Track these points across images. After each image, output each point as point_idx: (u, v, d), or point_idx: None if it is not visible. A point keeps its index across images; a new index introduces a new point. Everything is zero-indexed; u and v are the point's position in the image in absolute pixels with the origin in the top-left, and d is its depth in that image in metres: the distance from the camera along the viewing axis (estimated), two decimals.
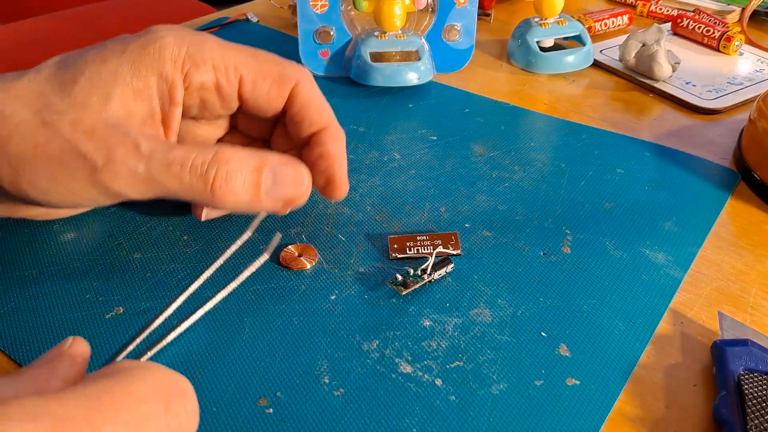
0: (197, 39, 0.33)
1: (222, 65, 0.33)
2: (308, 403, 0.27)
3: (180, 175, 0.30)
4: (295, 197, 0.32)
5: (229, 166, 0.30)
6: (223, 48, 0.33)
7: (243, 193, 0.31)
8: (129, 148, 0.30)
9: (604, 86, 0.54)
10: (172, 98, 0.32)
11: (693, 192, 0.41)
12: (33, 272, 0.34)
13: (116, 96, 0.31)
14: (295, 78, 0.34)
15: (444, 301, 0.32)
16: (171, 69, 0.32)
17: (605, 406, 0.27)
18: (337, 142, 0.34)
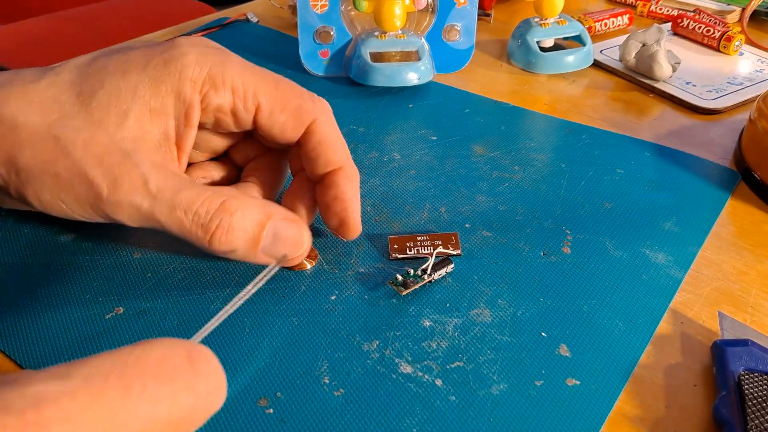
0: (220, 59, 0.32)
1: (241, 89, 0.32)
2: (308, 404, 0.27)
3: (182, 219, 0.30)
4: (291, 258, 0.32)
5: (233, 219, 0.30)
6: (244, 71, 0.32)
7: (241, 247, 0.30)
8: (137, 183, 0.29)
9: (604, 86, 0.54)
10: (188, 120, 0.31)
11: (693, 192, 0.41)
12: (33, 272, 0.34)
13: (133, 115, 0.30)
14: (314, 114, 0.33)
15: (444, 302, 0.32)
16: (190, 90, 0.31)
17: (605, 406, 0.27)
18: (351, 183, 0.34)
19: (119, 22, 0.98)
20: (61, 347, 0.30)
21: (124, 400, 0.18)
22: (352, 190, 0.34)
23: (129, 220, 0.30)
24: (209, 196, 0.30)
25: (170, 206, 0.29)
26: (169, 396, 0.19)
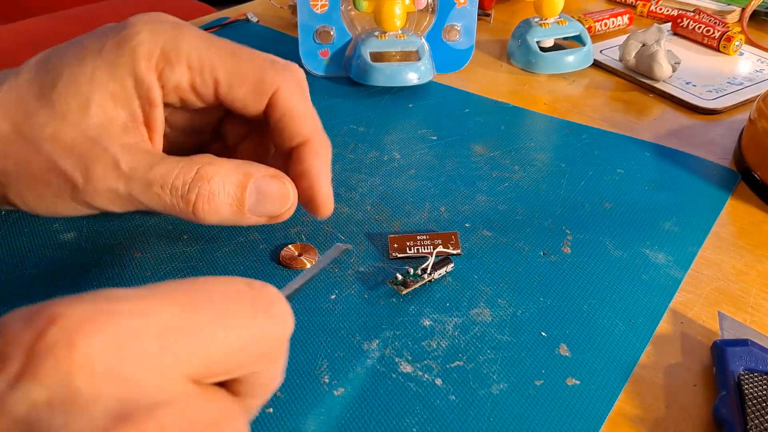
0: (173, 34, 0.31)
1: (197, 64, 0.31)
2: (308, 403, 0.27)
3: (160, 195, 0.29)
4: (280, 213, 0.31)
5: (211, 184, 0.29)
6: (200, 45, 0.31)
7: (226, 212, 0.30)
8: (108, 167, 0.29)
9: (604, 86, 0.54)
10: (151, 100, 0.31)
11: (693, 192, 0.41)
12: (33, 272, 0.34)
13: (95, 103, 0.30)
14: (275, 84, 0.31)
15: (444, 301, 0.32)
16: (145, 69, 0.30)
17: (605, 406, 0.27)
18: (319, 157, 0.32)
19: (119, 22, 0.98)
20: None
21: (192, 312, 0.19)
22: (319, 165, 0.32)
23: (111, 205, 0.30)
24: (183, 166, 0.29)
25: (146, 184, 0.29)
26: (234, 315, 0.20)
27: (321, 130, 0.33)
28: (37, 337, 0.17)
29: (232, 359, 0.20)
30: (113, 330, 0.18)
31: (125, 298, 0.19)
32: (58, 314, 0.18)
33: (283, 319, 0.21)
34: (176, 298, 0.20)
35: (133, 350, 0.18)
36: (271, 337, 0.21)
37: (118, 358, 0.18)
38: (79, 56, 0.30)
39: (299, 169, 0.32)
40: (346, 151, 0.44)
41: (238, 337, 0.20)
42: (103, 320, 0.18)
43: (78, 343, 0.17)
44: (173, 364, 0.19)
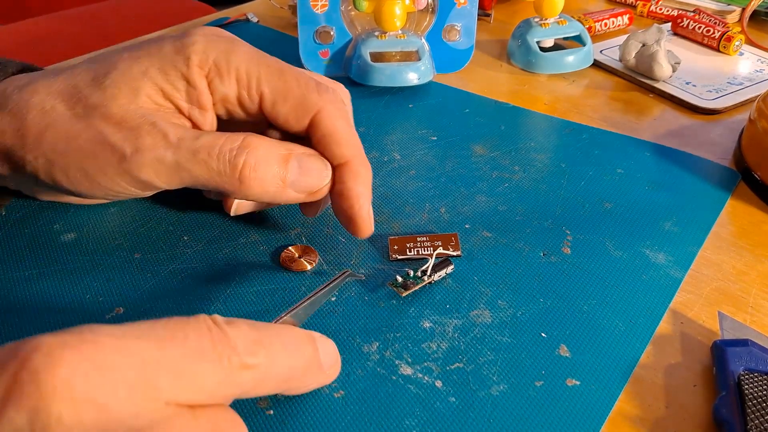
0: (227, 47, 0.32)
1: (245, 78, 0.32)
2: (309, 405, 0.27)
3: (207, 161, 0.30)
4: (318, 189, 0.32)
5: (257, 153, 0.30)
6: (250, 60, 0.32)
7: (270, 182, 0.31)
8: (157, 137, 0.30)
9: (604, 86, 0.54)
10: (201, 104, 0.32)
11: (693, 192, 0.41)
12: (33, 272, 0.34)
13: (144, 92, 0.31)
14: (317, 107, 0.32)
15: (444, 303, 0.32)
16: (197, 76, 0.32)
17: (605, 406, 0.27)
18: (359, 178, 0.33)
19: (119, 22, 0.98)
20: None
21: (170, 349, 0.21)
22: (358, 187, 0.33)
23: (156, 176, 0.31)
24: (229, 136, 0.31)
25: (193, 151, 0.30)
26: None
27: (362, 153, 0.34)
28: (20, 364, 0.18)
29: (211, 392, 0.21)
30: (94, 358, 0.19)
31: (107, 332, 0.20)
32: (41, 343, 0.18)
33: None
34: (154, 335, 0.20)
35: (113, 379, 0.19)
36: (239, 384, 0.22)
37: (99, 385, 0.18)
38: (134, 55, 0.32)
39: (339, 189, 0.33)
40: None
41: (214, 374, 0.21)
42: (85, 348, 0.19)
43: (59, 369, 0.18)
44: (152, 392, 0.19)
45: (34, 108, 0.31)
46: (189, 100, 0.32)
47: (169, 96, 0.32)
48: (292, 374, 0.24)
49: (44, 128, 0.31)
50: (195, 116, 0.32)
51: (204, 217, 0.38)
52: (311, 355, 0.25)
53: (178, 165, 0.30)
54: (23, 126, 0.31)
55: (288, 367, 0.24)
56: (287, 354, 0.24)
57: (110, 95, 0.31)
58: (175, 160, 0.30)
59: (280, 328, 0.24)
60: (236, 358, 0.22)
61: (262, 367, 0.22)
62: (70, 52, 0.64)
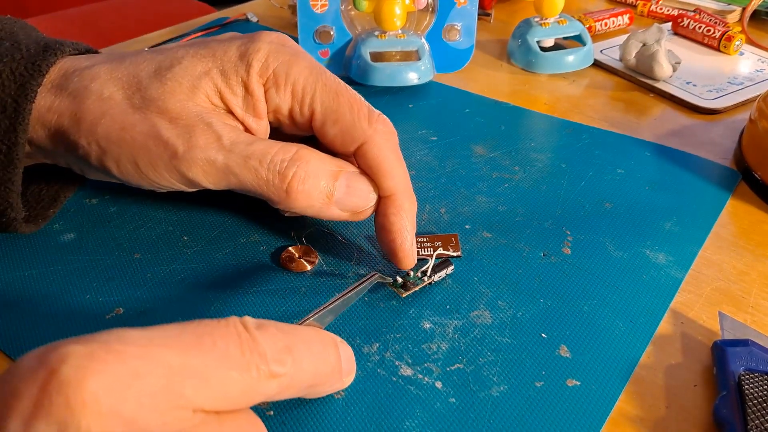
0: (288, 59, 0.32)
1: (300, 93, 0.32)
2: (309, 406, 0.27)
3: (258, 169, 0.30)
4: (362, 210, 0.32)
5: (308, 166, 0.30)
6: (309, 75, 0.32)
7: (317, 197, 0.31)
8: (211, 138, 0.30)
9: (604, 86, 0.54)
10: (257, 112, 0.32)
11: (693, 192, 0.41)
12: (33, 272, 0.34)
13: (203, 92, 0.31)
14: (365, 136, 0.32)
15: (444, 303, 0.32)
16: (256, 84, 0.32)
17: (606, 406, 0.27)
18: (402, 212, 0.32)
19: (119, 22, 0.98)
20: None
21: (196, 356, 0.20)
22: (400, 222, 0.32)
23: (204, 176, 0.31)
24: (282, 146, 0.31)
25: (244, 157, 0.30)
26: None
27: (408, 186, 0.33)
28: (49, 376, 0.18)
29: (236, 399, 0.21)
30: (120, 369, 0.18)
31: (133, 340, 0.19)
32: (69, 353, 0.18)
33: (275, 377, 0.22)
34: (181, 341, 0.20)
35: (139, 390, 0.19)
36: (264, 393, 0.22)
37: (126, 398, 0.18)
38: (200, 53, 0.32)
39: (382, 221, 0.33)
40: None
41: (242, 383, 0.21)
42: (111, 359, 0.18)
43: (87, 382, 0.18)
44: (178, 400, 0.19)
45: (93, 93, 0.31)
46: (245, 107, 0.32)
47: (226, 100, 0.32)
48: (315, 381, 0.24)
49: (100, 115, 0.31)
50: (249, 123, 0.32)
51: (204, 217, 0.38)
52: (335, 362, 0.25)
53: (227, 168, 0.30)
54: (80, 110, 0.31)
55: (313, 374, 0.24)
56: (313, 361, 0.24)
57: (169, 89, 0.31)
58: (226, 164, 0.30)
59: (308, 333, 0.24)
60: (265, 367, 0.21)
61: (288, 376, 0.22)
62: None
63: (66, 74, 0.32)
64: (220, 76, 0.32)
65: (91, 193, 0.39)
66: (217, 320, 0.22)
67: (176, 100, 0.31)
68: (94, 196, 0.39)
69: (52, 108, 0.31)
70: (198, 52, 0.32)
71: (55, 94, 0.31)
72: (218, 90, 0.32)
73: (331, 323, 0.31)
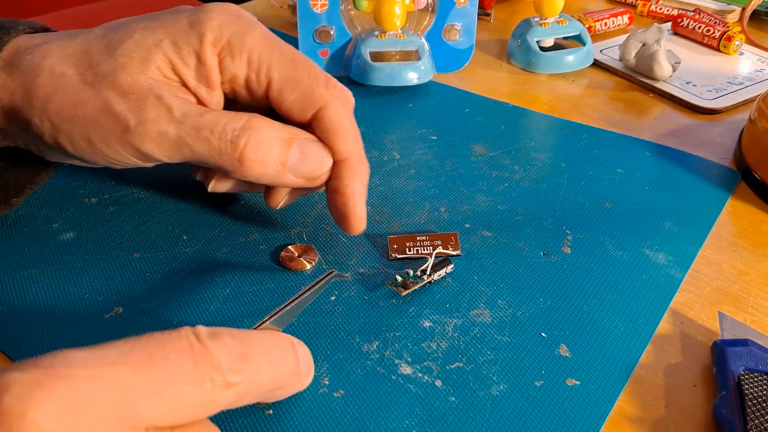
0: (243, 28, 0.32)
1: (256, 62, 0.32)
2: (308, 405, 0.27)
3: (209, 139, 0.30)
4: (317, 176, 0.32)
5: (260, 134, 0.30)
6: (264, 44, 0.32)
7: (270, 164, 0.31)
8: (161, 110, 0.30)
9: (604, 86, 0.54)
10: (209, 82, 0.32)
11: (693, 192, 0.41)
12: (33, 272, 0.34)
13: (154, 64, 0.31)
14: (323, 100, 0.32)
15: (444, 302, 0.32)
16: (210, 54, 0.31)
17: (605, 406, 0.27)
18: (355, 177, 0.33)
19: None
20: (61, 347, 0.30)
21: (147, 372, 0.20)
22: (355, 184, 0.33)
23: (157, 149, 0.30)
24: (234, 115, 0.30)
25: (195, 128, 0.30)
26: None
27: (361, 152, 0.33)
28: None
29: (192, 413, 0.21)
30: (67, 394, 0.18)
31: (80, 361, 0.19)
32: (12, 381, 0.18)
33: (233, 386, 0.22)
34: (132, 358, 0.20)
35: (88, 414, 0.18)
36: (221, 403, 0.22)
37: (73, 423, 0.18)
38: (150, 26, 0.32)
39: (335, 185, 0.33)
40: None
41: (196, 396, 0.20)
42: (56, 385, 0.18)
43: (30, 411, 0.17)
44: (131, 419, 0.19)
45: (45, 70, 0.31)
46: (197, 77, 0.32)
47: (178, 70, 0.31)
48: (273, 385, 0.24)
49: (52, 92, 0.30)
50: (202, 94, 0.32)
51: (203, 216, 0.38)
52: (294, 365, 0.25)
53: (180, 140, 0.30)
54: (32, 87, 0.31)
55: (271, 379, 0.24)
56: (270, 367, 0.23)
57: (121, 64, 0.31)
58: (178, 135, 0.30)
59: (264, 338, 0.24)
60: (220, 377, 0.21)
61: (245, 384, 0.22)
62: None
63: (18, 52, 0.32)
64: (171, 47, 0.31)
65: (91, 192, 0.39)
66: (168, 332, 0.21)
67: (128, 74, 0.31)
68: (93, 195, 0.39)
69: (4, 86, 0.31)
70: (149, 25, 0.32)
71: (8, 72, 0.31)
72: (170, 61, 0.31)
73: (327, 322, 0.31)
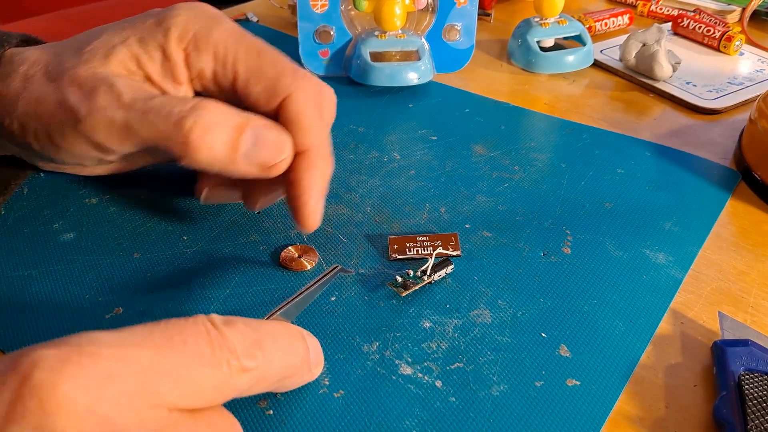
0: (209, 23, 0.32)
1: (222, 55, 0.32)
2: (308, 405, 0.27)
3: (155, 123, 0.29)
4: (274, 164, 0.31)
5: (208, 116, 0.29)
6: (230, 38, 0.32)
7: (219, 149, 0.29)
8: (110, 97, 0.30)
9: (604, 86, 0.54)
10: (175, 76, 0.32)
11: (693, 192, 0.41)
12: (33, 272, 0.34)
13: (117, 57, 0.31)
14: (288, 91, 0.31)
15: (444, 303, 0.32)
16: (175, 49, 0.31)
17: (605, 406, 0.27)
18: (314, 169, 0.31)
19: None
20: None
21: (168, 354, 0.20)
22: (311, 177, 0.31)
23: (108, 137, 0.30)
24: (182, 98, 0.30)
25: (143, 112, 0.29)
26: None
27: (325, 145, 0.33)
28: (22, 380, 0.18)
29: (210, 395, 0.21)
30: (94, 370, 0.18)
31: (105, 341, 0.20)
32: (41, 357, 0.18)
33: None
34: (152, 341, 0.20)
35: (114, 390, 0.19)
36: (237, 387, 0.22)
37: (100, 397, 0.18)
38: (120, 26, 0.32)
39: (291, 177, 0.32)
40: (345, 152, 0.44)
41: (214, 378, 0.21)
42: (84, 362, 0.19)
43: (61, 384, 0.18)
44: (153, 399, 0.19)
45: (19, 75, 0.32)
46: (163, 72, 0.32)
47: (142, 65, 0.31)
48: (285, 374, 0.25)
49: (20, 92, 0.31)
50: (168, 88, 0.32)
51: (203, 217, 0.38)
52: (304, 355, 0.25)
53: (128, 125, 0.29)
54: (6, 91, 0.31)
55: (283, 367, 0.24)
56: (282, 354, 0.24)
57: (84, 59, 0.31)
58: (126, 120, 0.29)
59: (275, 327, 0.24)
60: (236, 362, 0.21)
61: (259, 369, 0.22)
62: None
63: (2, 62, 0.33)
64: (137, 43, 0.31)
65: (91, 193, 0.39)
66: (184, 319, 0.22)
67: (88, 67, 0.31)
68: (94, 196, 0.39)
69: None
70: (119, 25, 0.32)
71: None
72: (135, 56, 0.31)
73: (328, 323, 0.31)
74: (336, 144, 0.45)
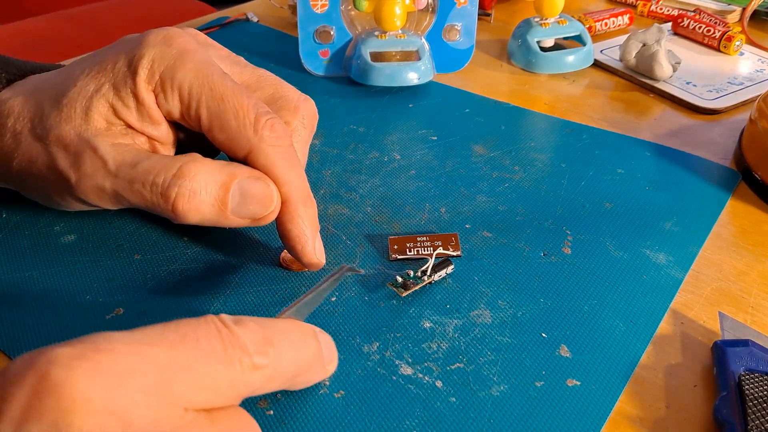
0: (175, 63, 0.31)
1: (186, 98, 0.31)
2: (308, 405, 0.27)
3: (142, 192, 0.30)
4: (263, 216, 0.31)
5: (193, 182, 0.29)
6: (194, 79, 0.31)
7: (208, 211, 0.30)
8: (97, 164, 0.30)
9: (604, 86, 0.54)
10: (152, 118, 0.32)
11: (693, 192, 0.41)
12: (34, 273, 0.34)
13: (97, 111, 0.31)
14: (250, 145, 0.31)
15: (444, 303, 0.32)
16: (145, 92, 0.31)
17: (606, 406, 0.27)
18: (297, 219, 0.32)
19: (119, 22, 0.98)
20: None
21: (182, 351, 0.21)
22: (296, 228, 0.32)
23: (102, 202, 0.31)
24: (166, 163, 0.30)
25: (129, 181, 0.30)
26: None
27: (303, 189, 0.32)
28: (40, 378, 0.18)
29: (224, 393, 0.21)
30: (111, 368, 0.19)
31: (120, 340, 0.20)
32: (58, 355, 0.18)
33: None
34: (166, 340, 0.21)
35: (131, 386, 0.19)
36: (250, 385, 0.22)
37: (116, 395, 0.18)
38: (93, 70, 0.32)
39: (281, 229, 0.32)
40: (346, 152, 0.44)
41: (228, 376, 0.21)
42: (101, 359, 0.19)
43: (78, 382, 0.18)
44: (169, 397, 0.20)
45: (9, 131, 0.32)
46: (140, 117, 0.32)
47: (119, 114, 0.31)
48: (298, 371, 0.25)
49: (14, 151, 0.32)
50: (149, 131, 0.32)
51: None
52: (316, 351, 0.25)
53: (117, 193, 0.30)
54: (1, 145, 0.32)
55: (295, 364, 0.24)
56: (294, 351, 0.24)
57: (65, 116, 0.31)
58: (114, 189, 0.30)
59: (286, 324, 0.25)
60: (247, 359, 0.22)
61: (271, 366, 0.22)
62: (70, 52, 0.64)
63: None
64: (112, 91, 0.31)
65: None
66: (195, 319, 0.22)
67: (71, 126, 0.31)
68: None
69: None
70: (92, 69, 0.32)
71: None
72: (111, 106, 0.31)
73: (328, 323, 0.31)
74: (336, 144, 0.45)
